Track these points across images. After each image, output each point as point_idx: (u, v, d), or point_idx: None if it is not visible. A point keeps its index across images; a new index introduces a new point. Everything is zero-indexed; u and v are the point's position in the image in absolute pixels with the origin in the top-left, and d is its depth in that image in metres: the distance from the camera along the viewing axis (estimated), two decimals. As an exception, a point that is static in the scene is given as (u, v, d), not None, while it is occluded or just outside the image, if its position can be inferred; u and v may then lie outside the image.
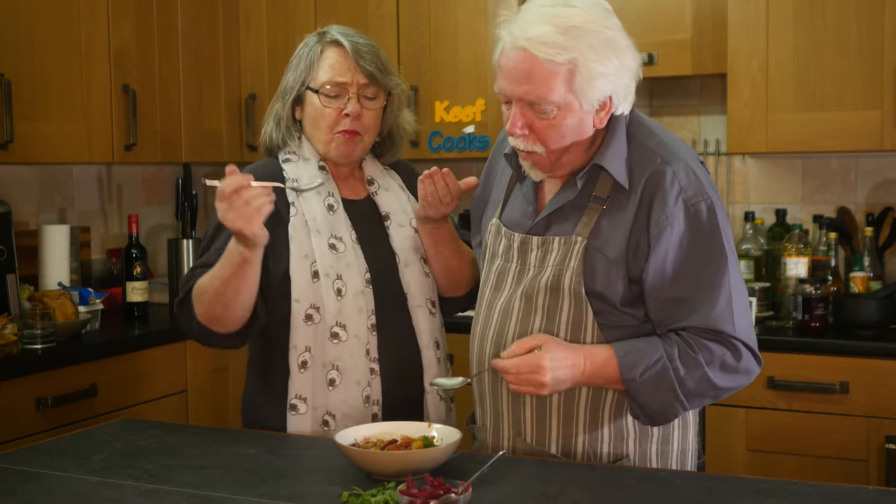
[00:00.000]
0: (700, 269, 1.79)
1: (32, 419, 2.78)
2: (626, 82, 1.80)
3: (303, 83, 2.14)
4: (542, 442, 1.88)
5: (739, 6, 3.24)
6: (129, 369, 3.11)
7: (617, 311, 1.82)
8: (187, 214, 3.67)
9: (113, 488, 1.70)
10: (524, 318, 1.88)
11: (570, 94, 1.75)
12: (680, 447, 1.92)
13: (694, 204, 1.78)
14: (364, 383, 2.07)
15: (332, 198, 2.14)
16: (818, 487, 1.68)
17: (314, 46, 2.15)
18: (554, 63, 1.72)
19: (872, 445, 2.91)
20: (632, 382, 1.78)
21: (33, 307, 2.95)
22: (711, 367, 1.78)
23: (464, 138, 3.69)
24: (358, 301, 2.08)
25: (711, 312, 1.78)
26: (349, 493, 1.62)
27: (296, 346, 2.08)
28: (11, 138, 3.02)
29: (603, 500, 1.62)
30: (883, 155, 3.46)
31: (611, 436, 1.86)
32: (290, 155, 2.18)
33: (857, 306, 3.10)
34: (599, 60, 1.73)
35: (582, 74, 1.73)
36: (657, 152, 1.83)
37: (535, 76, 1.74)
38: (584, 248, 1.82)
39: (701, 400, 1.83)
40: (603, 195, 1.83)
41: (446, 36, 3.70)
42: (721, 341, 1.79)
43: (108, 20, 3.37)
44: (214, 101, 3.86)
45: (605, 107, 1.80)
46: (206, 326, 2.05)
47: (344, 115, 2.11)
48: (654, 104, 3.81)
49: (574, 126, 1.79)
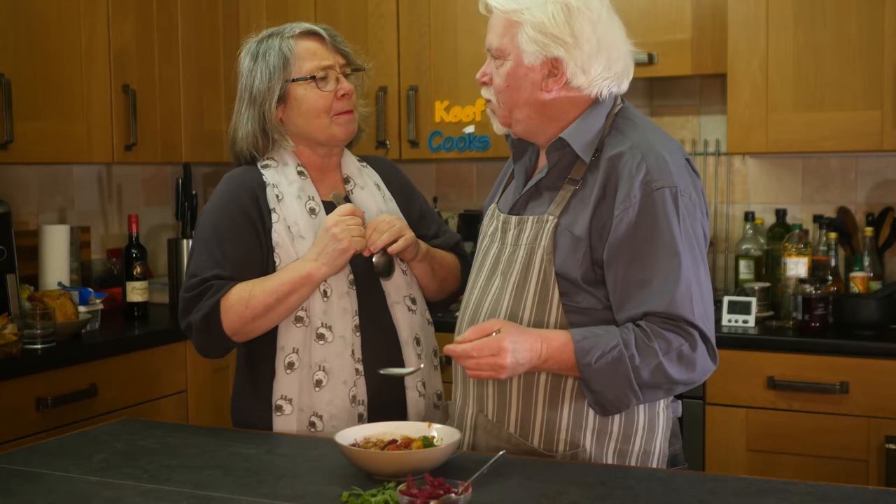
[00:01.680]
0: (661, 253, 1.79)
1: (32, 419, 2.78)
2: (584, 55, 1.85)
3: (284, 79, 2.13)
4: (502, 419, 1.90)
5: (739, 6, 3.25)
6: (129, 369, 3.11)
7: (581, 292, 1.84)
8: (187, 214, 3.67)
9: (113, 488, 1.70)
10: (497, 296, 1.92)
11: (511, 45, 1.87)
12: (642, 449, 1.90)
13: (658, 189, 1.80)
14: (350, 383, 2.08)
15: (312, 201, 2.14)
16: (818, 487, 1.68)
17: (282, 43, 2.14)
18: (501, 11, 1.88)
19: (872, 445, 2.91)
20: (586, 368, 1.78)
21: (33, 307, 2.95)
22: (668, 357, 1.77)
23: (464, 138, 3.69)
24: (343, 302, 2.10)
25: (670, 297, 1.78)
26: (349, 493, 1.62)
27: (283, 348, 2.09)
28: (11, 138, 3.02)
29: (603, 500, 1.62)
30: (883, 155, 3.46)
31: (569, 423, 1.87)
32: (270, 161, 2.17)
33: (857, 306, 3.10)
34: (547, 20, 1.84)
35: (524, 29, 1.85)
36: (631, 138, 1.87)
37: (492, 28, 1.91)
38: (554, 227, 1.86)
39: (655, 392, 1.82)
40: (577, 177, 1.88)
41: (446, 36, 3.70)
42: (678, 330, 1.78)
43: (108, 20, 3.37)
44: (214, 101, 3.86)
45: (556, 73, 1.87)
46: (229, 336, 2.06)
47: (340, 96, 2.13)
48: (654, 104, 3.81)
49: (518, 80, 1.88)
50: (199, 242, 2.12)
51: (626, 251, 1.80)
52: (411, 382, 2.14)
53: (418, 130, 3.75)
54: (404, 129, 3.74)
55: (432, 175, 4.12)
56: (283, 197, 2.12)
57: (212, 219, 2.13)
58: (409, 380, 2.14)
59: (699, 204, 1.86)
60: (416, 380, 2.15)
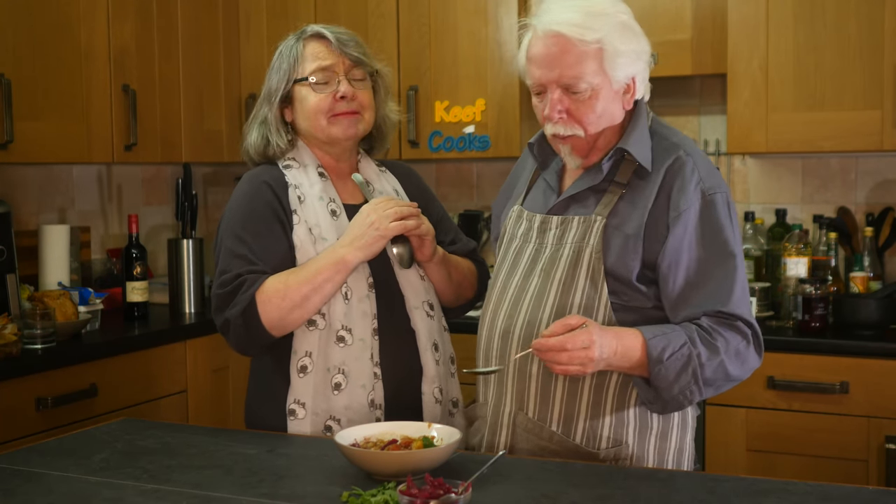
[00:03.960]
0: (718, 255, 1.86)
1: (32, 419, 2.78)
2: (643, 65, 1.93)
3: (288, 80, 2.15)
4: (544, 418, 1.91)
5: (739, 6, 3.25)
6: (129, 369, 3.11)
7: (630, 291, 1.87)
8: (187, 214, 3.67)
9: (113, 488, 1.70)
10: (538, 294, 1.92)
11: (600, 74, 1.87)
12: (677, 446, 1.95)
13: (712, 194, 1.88)
14: (369, 387, 2.07)
15: (334, 203, 2.15)
16: (818, 487, 1.68)
17: (294, 44, 2.17)
18: (585, 42, 1.85)
19: (872, 445, 2.91)
20: (657, 365, 1.80)
21: (33, 307, 2.95)
22: (728, 355, 1.84)
23: (464, 138, 3.69)
24: (363, 305, 2.09)
25: (729, 298, 1.84)
26: (349, 493, 1.62)
27: (296, 351, 2.08)
28: (11, 138, 3.02)
29: (603, 500, 1.62)
30: (883, 155, 3.46)
31: (612, 420, 1.89)
32: (291, 161, 2.18)
33: (857, 306, 3.10)
34: (621, 41, 1.87)
35: (608, 54, 1.86)
36: (680, 145, 1.94)
37: (568, 57, 1.86)
38: (603, 227, 1.89)
39: (713, 389, 1.87)
40: (623, 181, 1.91)
41: (446, 36, 3.70)
42: (735, 328, 1.85)
43: (108, 20, 3.37)
44: (214, 101, 3.86)
45: (630, 89, 1.93)
46: (268, 332, 2.05)
47: (339, 98, 2.12)
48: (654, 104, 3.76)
49: (607, 106, 1.90)
50: (227, 238, 2.10)
51: (685, 254, 1.86)
52: (428, 388, 2.13)
53: (418, 130, 3.75)
54: (404, 129, 3.74)
55: (432, 175, 4.11)
56: (304, 199, 2.12)
57: (240, 214, 2.12)
58: (426, 385, 2.13)
59: (734, 203, 1.95)
60: (433, 385, 2.13)
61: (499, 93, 3.63)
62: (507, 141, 3.63)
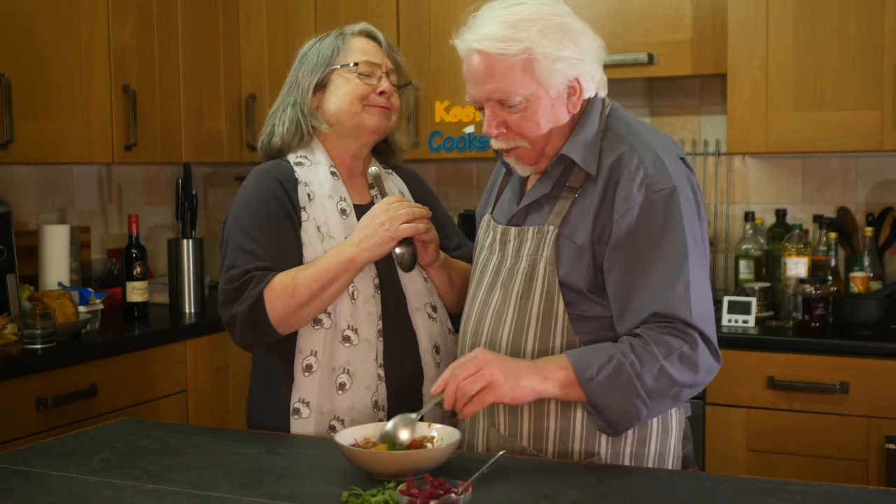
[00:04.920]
0: (659, 255, 1.77)
1: (32, 419, 2.78)
2: (589, 65, 1.85)
3: (327, 66, 2.16)
4: (514, 434, 1.89)
5: (739, 6, 3.25)
6: (129, 369, 3.11)
7: (586, 301, 1.83)
8: (187, 214, 3.67)
9: (113, 488, 1.70)
10: (499, 309, 1.90)
11: (533, 84, 1.81)
12: (658, 451, 1.89)
13: (658, 191, 1.79)
14: (373, 388, 2.07)
15: (344, 202, 2.14)
16: (818, 487, 1.68)
17: (337, 37, 2.19)
18: (508, 56, 1.79)
19: (872, 445, 2.91)
20: (589, 383, 1.74)
21: (33, 307, 2.95)
22: (669, 360, 1.74)
23: (464, 138, 3.70)
24: (368, 305, 2.09)
25: (667, 298, 1.75)
26: (349, 493, 1.62)
27: (301, 350, 2.08)
28: (11, 138, 3.02)
29: (603, 500, 1.62)
30: (883, 155, 3.46)
31: (582, 432, 1.85)
32: (303, 159, 2.16)
33: (857, 306, 3.10)
34: (554, 46, 1.80)
35: (539, 62, 1.80)
36: (626, 141, 1.85)
37: (494, 73, 1.81)
38: (555, 237, 1.84)
39: (661, 400, 1.78)
40: (576, 185, 1.86)
41: (446, 36, 3.66)
42: (677, 332, 1.75)
43: (108, 20, 3.37)
44: (214, 101, 3.86)
45: (575, 91, 1.85)
46: (275, 329, 2.03)
47: (379, 92, 2.14)
48: (654, 104, 3.81)
49: (547, 114, 1.84)
50: (235, 233, 2.09)
51: (625, 254, 1.79)
52: (428, 391, 2.11)
53: (418, 130, 3.75)
54: (404, 129, 3.74)
55: (432, 175, 4.12)
56: (314, 196, 2.11)
57: (248, 209, 2.10)
58: (427, 388, 2.12)
59: (696, 202, 1.85)
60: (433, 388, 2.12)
61: (499, 93, 3.63)
62: (507, 141, 3.63)
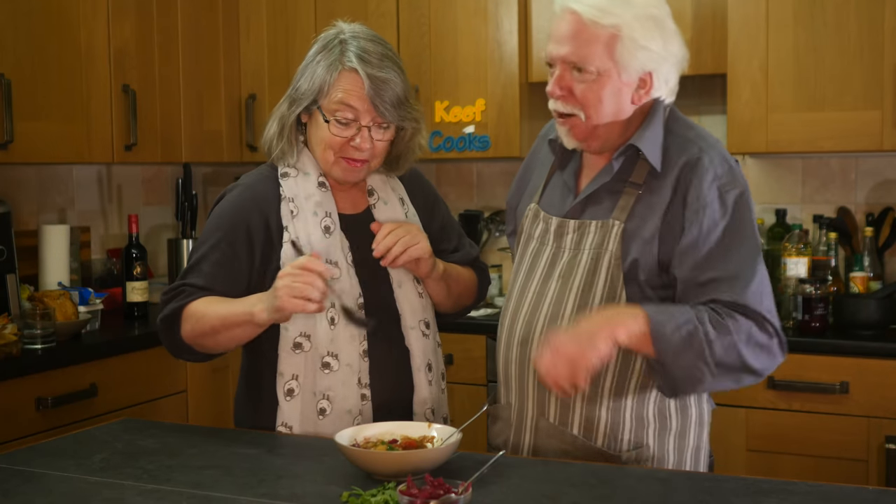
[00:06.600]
0: (734, 250, 1.81)
1: (32, 419, 2.78)
2: (668, 67, 1.87)
3: (314, 99, 2.02)
4: (566, 422, 1.90)
5: (739, 6, 3.25)
6: (129, 369, 3.11)
7: (646, 296, 1.85)
8: (187, 214, 3.67)
9: (113, 488, 1.70)
10: (557, 300, 1.90)
11: (609, 61, 1.82)
12: (695, 444, 1.94)
13: (728, 191, 1.83)
14: (355, 412, 2.02)
15: (328, 219, 2.05)
16: (818, 487, 1.68)
17: (334, 63, 2.00)
18: (598, 25, 1.80)
19: (872, 445, 2.91)
20: (661, 339, 1.75)
21: (33, 307, 2.95)
22: (739, 337, 1.77)
23: (464, 138, 3.69)
24: (350, 328, 2.01)
25: (743, 290, 1.78)
26: (349, 493, 1.62)
27: (282, 374, 2.03)
28: (11, 138, 3.02)
29: (603, 500, 1.62)
30: (883, 155, 3.46)
31: (632, 423, 1.88)
32: (289, 169, 2.08)
33: (857, 306, 3.10)
34: (643, 34, 1.81)
35: (624, 43, 1.81)
36: (694, 142, 1.88)
37: (578, 37, 1.82)
38: (621, 232, 1.85)
39: (727, 373, 1.79)
40: (639, 181, 1.87)
41: (446, 36, 3.70)
42: (748, 315, 1.78)
43: (108, 20, 3.37)
44: (214, 101, 3.86)
45: (645, 85, 1.86)
46: (189, 344, 2.03)
47: (352, 146, 2.01)
48: (654, 104, 3.80)
49: (612, 95, 1.84)
50: (199, 244, 2.08)
51: (700, 251, 1.81)
52: (420, 409, 2.09)
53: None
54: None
55: (432, 175, 4.11)
56: (297, 213, 2.04)
57: (212, 226, 2.07)
58: (418, 406, 2.08)
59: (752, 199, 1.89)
60: (424, 406, 2.09)
61: (499, 93, 3.63)
62: (506, 141, 3.64)
